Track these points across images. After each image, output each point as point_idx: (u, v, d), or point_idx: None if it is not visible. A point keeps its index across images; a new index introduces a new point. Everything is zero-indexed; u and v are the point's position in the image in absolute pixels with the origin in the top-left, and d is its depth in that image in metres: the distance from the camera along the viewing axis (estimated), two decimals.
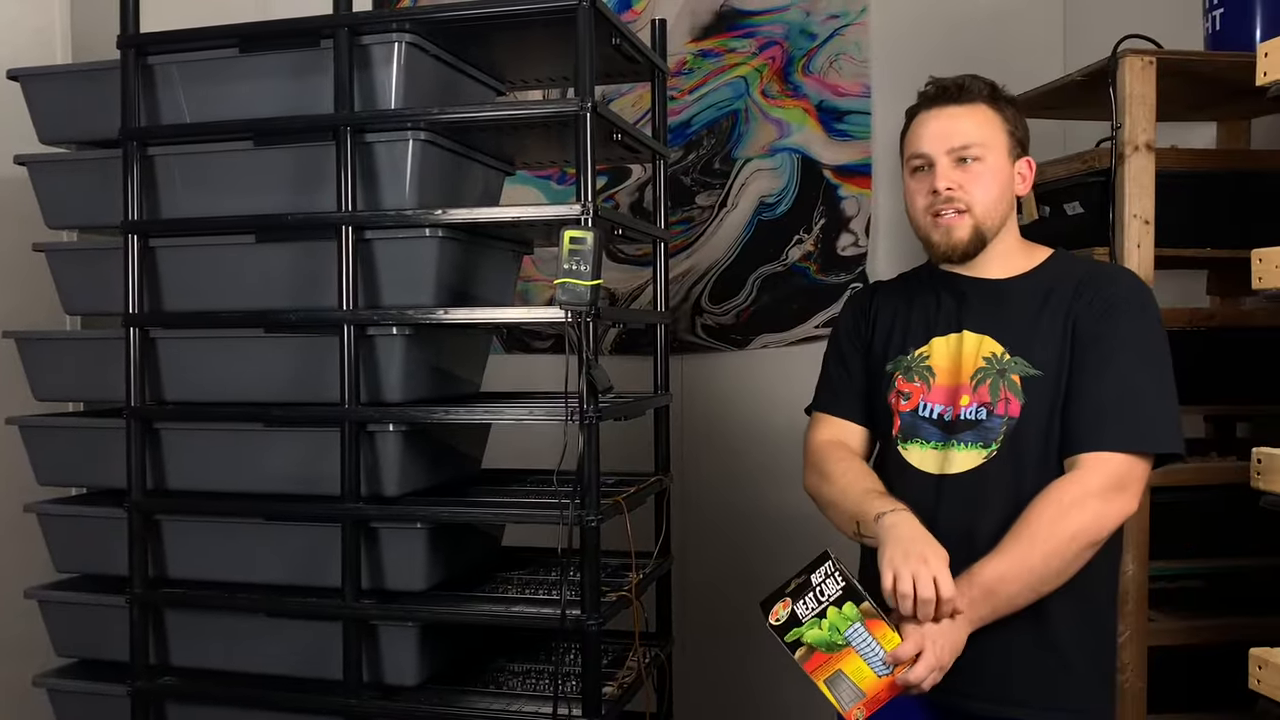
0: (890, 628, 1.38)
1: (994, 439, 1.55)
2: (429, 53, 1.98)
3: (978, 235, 1.60)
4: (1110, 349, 1.52)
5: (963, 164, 1.59)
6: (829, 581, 1.40)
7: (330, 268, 1.91)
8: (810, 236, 2.95)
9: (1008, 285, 1.63)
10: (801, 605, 1.41)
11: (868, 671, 1.38)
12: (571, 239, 1.74)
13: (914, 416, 1.63)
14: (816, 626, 1.40)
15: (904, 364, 1.66)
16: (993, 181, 1.60)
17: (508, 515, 2.02)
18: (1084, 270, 1.63)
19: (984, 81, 1.64)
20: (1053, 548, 1.46)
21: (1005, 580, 1.46)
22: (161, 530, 2.09)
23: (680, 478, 2.71)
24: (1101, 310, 1.55)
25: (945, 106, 1.62)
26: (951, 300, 1.66)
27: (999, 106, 1.63)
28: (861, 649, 1.38)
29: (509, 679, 2.05)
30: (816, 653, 1.40)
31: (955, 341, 1.62)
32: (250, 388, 2.04)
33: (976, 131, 1.60)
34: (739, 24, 2.96)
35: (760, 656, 2.98)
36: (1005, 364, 1.56)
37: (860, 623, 1.38)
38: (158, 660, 2.09)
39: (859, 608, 1.39)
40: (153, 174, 2.06)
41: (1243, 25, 2.11)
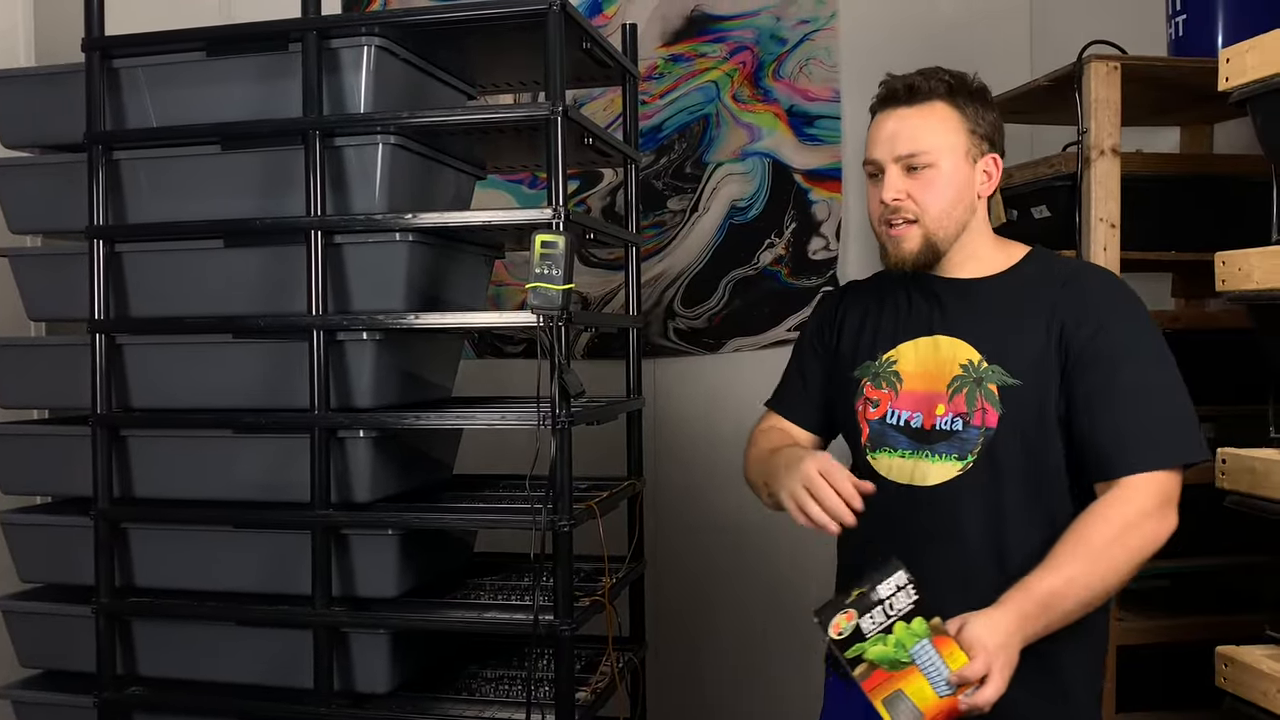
0: (958, 646, 1.30)
1: (970, 451, 1.48)
2: (399, 56, 1.97)
3: (928, 246, 1.53)
4: (1120, 361, 1.45)
5: (912, 172, 1.51)
6: (900, 595, 1.31)
7: (299, 273, 1.90)
8: (781, 240, 2.96)
9: (982, 286, 1.56)
10: (868, 619, 1.31)
11: (929, 692, 1.29)
12: (543, 243, 1.74)
13: (882, 424, 1.57)
14: (881, 643, 1.31)
15: (872, 370, 1.60)
16: (945, 188, 1.51)
17: (480, 521, 2.02)
18: (1064, 272, 1.56)
19: (943, 77, 1.53)
20: (1111, 566, 1.39)
21: (1062, 596, 1.37)
22: (128, 539, 2.06)
23: (653, 482, 2.71)
24: (1095, 320, 1.47)
25: (895, 108, 1.53)
26: (923, 302, 1.59)
27: (958, 103, 1.53)
28: (926, 668, 1.30)
29: (482, 685, 2.04)
30: (878, 670, 1.30)
31: (928, 346, 1.55)
32: (219, 394, 2.02)
33: (926, 136, 1.50)
34: (710, 29, 2.97)
35: (733, 660, 2.99)
36: (982, 372, 1.49)
37: (928, 639, 1.30)
38: (125, 670, 2.06)
39: (929, 623, 1.31)
40: (118, 178, 2.04)
41: (1205, 32, 2.14)
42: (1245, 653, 1.62)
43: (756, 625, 2.97)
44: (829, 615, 1.33)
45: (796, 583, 2.90)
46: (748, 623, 2.98)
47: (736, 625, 2.99)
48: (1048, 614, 1.37)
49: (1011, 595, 1.36)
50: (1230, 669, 1.62)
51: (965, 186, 1.53)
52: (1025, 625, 1.34)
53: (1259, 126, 1.66)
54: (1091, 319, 1.47)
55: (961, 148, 1.53)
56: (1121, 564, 1.40)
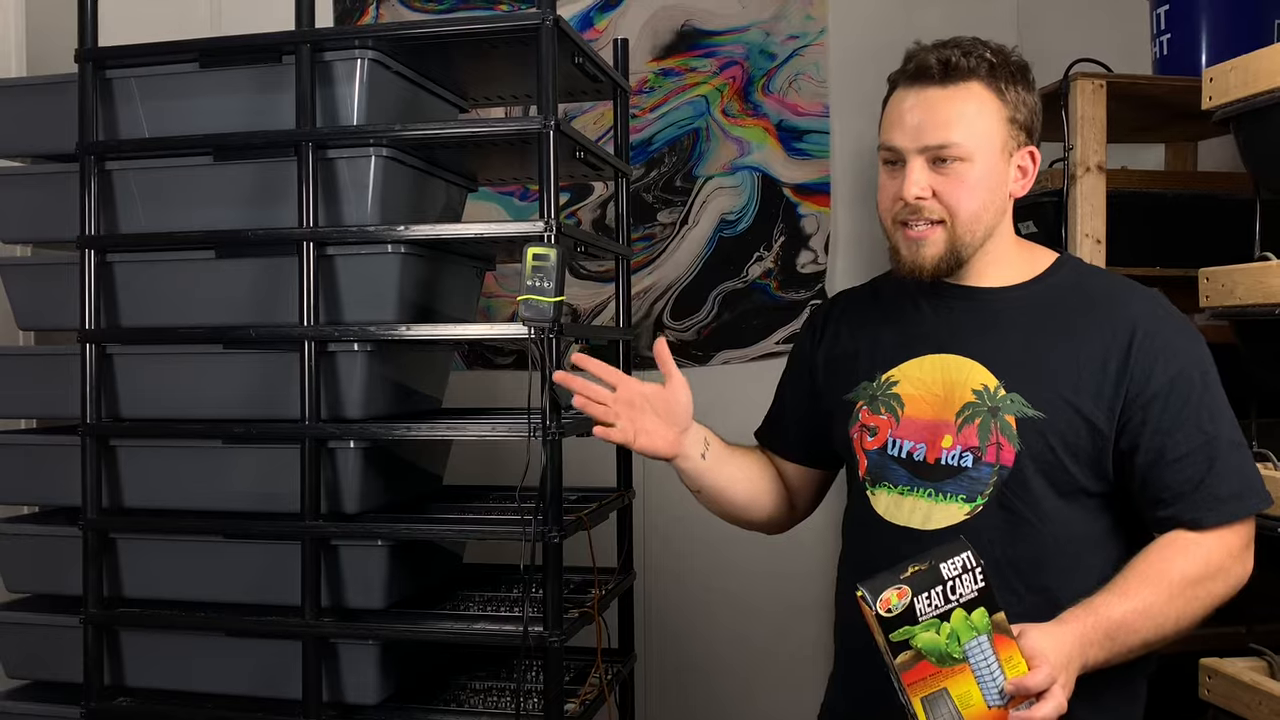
0: (1017, 650, 1.13)
1: (980, 491, 1.28)
2: (392, 70, 1.98)
3: (953, 253, 1.32)
4: (1198, 403, 1.28)
5: (939, 165, 1.30)
6: (965, 577, 1.11)
7: (291, 284, 1.90)
8: (770, 253, 2.98)
9: (1003, 298, 1.35)
10: (924, 599, 1.11)
11: (978, 698, 1.12)
12: (534, 255, 1.75)
13: (882, 455, 1.36)
14: (934, 629, 1.12)
15: (869, 392, 1.39)
16: (978, 187, 1.30)
17: (469, 532, 2.02)
18: (1108, 289, 1.36)
19: (984, 53, 1.30)
20: (1188, 607, 1.25)
21: (1131, 628, 1.22)
22: (117, 549, 2.06)
23: (642, 493, 2.72)
24: (1166, 355, 1.28)
25: (925, 87, 1.30)
26: (933, 313, 1.38)
27: (999, 87, 1.30)
28: (979, 669, 1.12)
29: (471, 696, 2.04)
30: (924, 662, 1.12)
31: (935, 366, 1.34)
32: (209, 404, 2.02)
33: (962, 126, 1.28)
34: (700, 44, 2.99)
35: (722, 673, 2.99)
36: (999, 401, 1.29)
37: (988, 636, 1.12)
38: (113, 681, 2.05)
39: (992, 617, 1.12)
40: (110, 189, 2.04)
41: (1189, 51, 2.18)
42: (1228, 665, 1.64)
43: (746, 638, 2.97)
44: (879, 588, 1.13)
45: (786, 596, 2.91)
46: (737, 635, 2.98)
47: (725, 638, 2.99)
48: (1112, 644, 1.21)
49: (1075, 614, 1.20)
50: (1214, 681, 1.64)
51: (999, 185, 1.32)
52: (1085, 651, 1.18)
53: (1241, 144, 1.69)
54: (1163, 349, 1.28)
55: (999, 140, 1.31)
56: (1200, 606, 1.26)
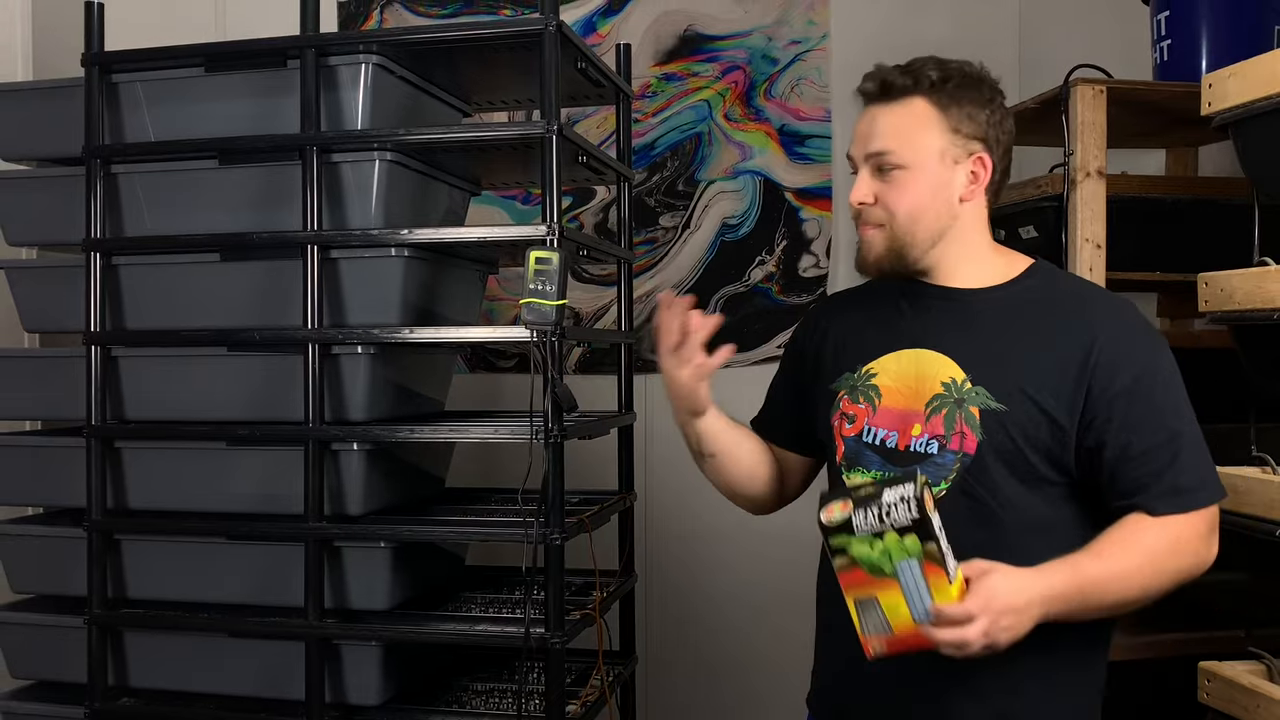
0: (949, 581, 1.21)
1: (945, 476, 1.36)
2: (395, 74, 1.99)
3: (893, 252, 1.42)
4: (1161, 400, 1.36)
5: (882, 173, 1.41)
6: (902, 506, 1.20)
7: (295, 287, 1.91)
8: (772, 258, 2.99)
9: (976, 298, 1.44)
10: (861, 516, 1.22)
11: (904, 612, 1.22)
12: (537, 259, 1.76)
13: (858, 442, 1.45)
14: (868, 544, 1.22)
15: (850, 382, 1.48)
16: (916, 191, 1.40)
17: (471, 534, 2.03)
18: (1076, 293, 1.46)
19: (928, 72, 1.42)
20: (1158, 574, 1.31)
21: (1103, 589, 1.29)
22: (121, 550, 2.07)
23: (644, 496, 2.73)
24: (1128, 355, 1.36)
25: (872, 105, 1.44)
26: (911, 311, 1.46)
27: (942, 100, 1.41)
28: (907, 587, 1.22)
29: (472, 698, 2.05)
30: (858, 570, 1.23)
31: (910, 359, 1.43)
32: (213, 406, 2.03)
33: (897, 136, 1.40)
34: (702, 48, 3.00)
35: (723, 675, 2.99)
36: (965, 393, 1.37)
37: (918, 561, 1.21)
38: (117, 681, 2.06)
39: (924, 546, 1.21)
40: (116, 192, 2.05)
41: (1189, 57, 2.18)
42: (1227, 668, 1.64)
43: (747, 640, 2.98)
44: (830, 499, 1.25)
45: (788, 597, 2.91)
46: (738, 637, 2.99)
47: (727, 640, 3.00)
48: (1083, 601, 1.28)
49: (1056, 567, 1.27)
50: (1212, 684, 1.65)
51: (940, 189, 1.41)
52: (1053, 603, 1.25)
53: (1241, 150, 1.70)
54: (1124, 352, 1.36)
55: (936, 148, 1.41)
56: (1166, 579, 1.32)
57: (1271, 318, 1.58)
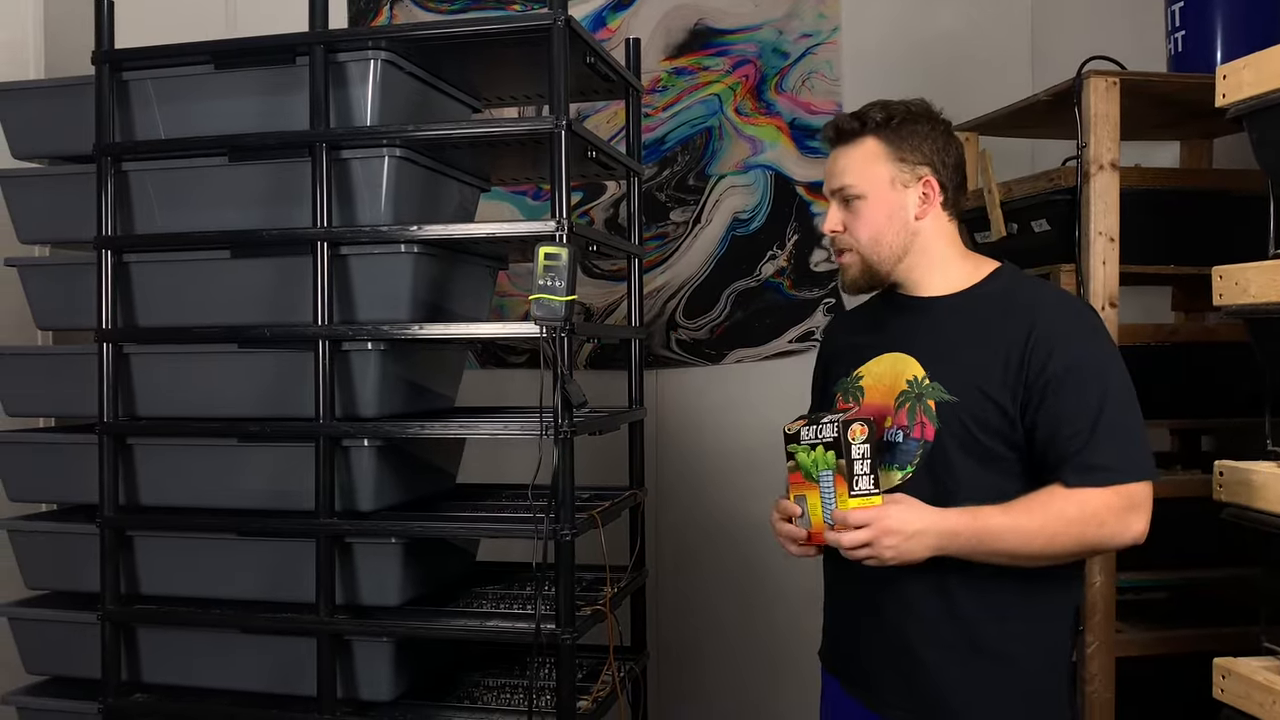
0: (848, 493, 1.49)
1: (909, 462, 1.56)
2: (405, 70, 1.99)
3: (866, 271, 1.64)
4: (1089, 382, 1.49)
5: (847, 204, 1.63)
6: (829, 427, 1.51)
7: (305, 283, 1.92)
8: (783, 252, 2.98)
9: (937, 305, 1.63)
10: (806, 431, 1.54)
11: (819, 513, 1.52)
12: (546, 255, 1.76)
13: None
14: (807, 453, 1.54)
15: (844, 385, 1.68)
16: (872, 217, 1.61)
17: (482, 530, 2.03)
18: (1027, 293, 1.60)
19: (874, 115, 1.62)
20: (1056, 540, 1.47)
21: (999, 538, 1.47)
22: (134, 546, 2.08)
23: (655, 491, 2.72)
24: (1063, 344, 1.51)
25: (833, 147, 1.67)
26: (892, 320, 1.67)
27: (887, 136, 1.61)
28: (824, 493, 1.52)
29: (484, 694, 2.05)
30: (799, 473, 1.55)
31: (887, 361, 1.63)
32: (224, 403, 2.04)
33: (852, 172, 1.62)
34: (713, 42, 2.99)
35: (734, 670, 2.99)
36: (923, 388, 1.56)
37: (832, 472, 1.51)
38: (129, 677, 2.08)
39: (837, 461, 1.50)
40: (127, 189, 2.06)
41: (1204, 48, 2.16)
42: (1242, 664, 1.63)
43: (759, 634, 2.98)
44: (796, 417, 1.59)
45: (799, 592, 2.91)
46: (750, 632, 2.99)
47: (738, 634, 3.00)
48: (979, 544, 1.47)
49: (960, 512, 1.47)
50: (1228, 680, 1.63)
51: (896, 212, 1.61)
52: (947, 540, 1.46)
53: (1255, 142, 1.68)
54: (1059, 343, 1.51)
55: (886, 177, 1.61)
56: (1070, 542, 1.48)
57: None
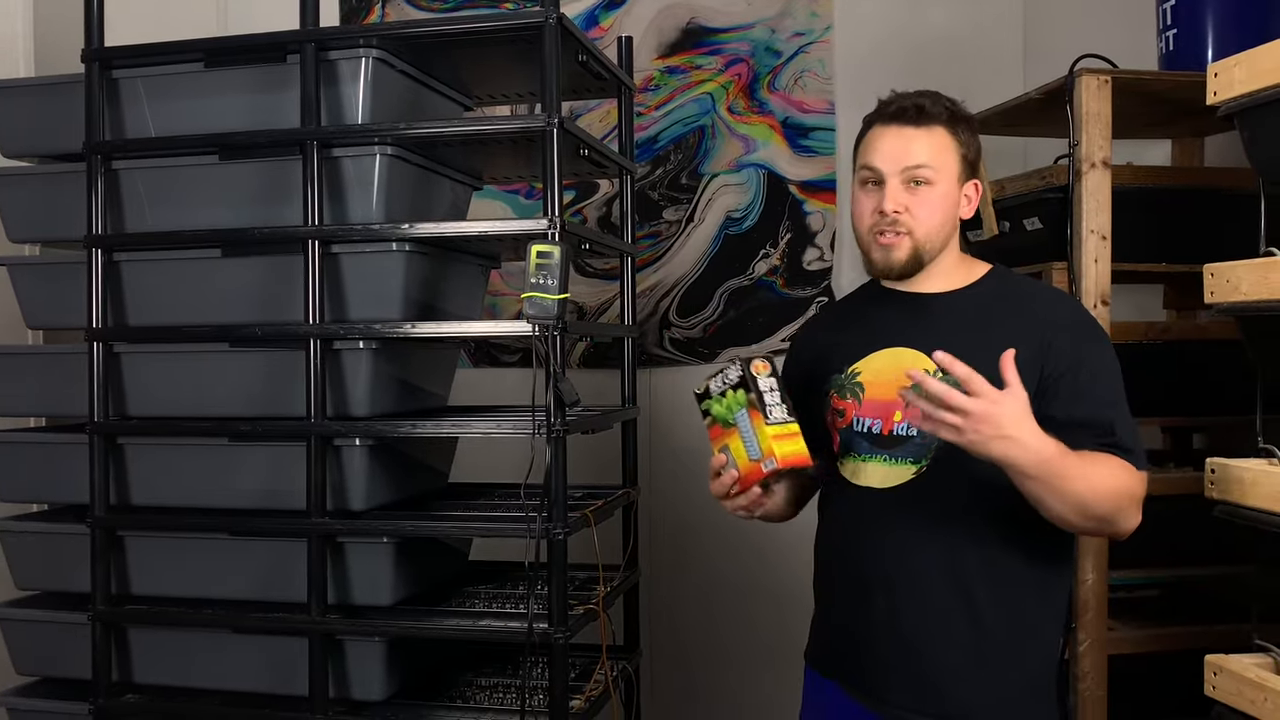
0: (764, 423, 1.50)
1: (924, 455, 1.56)
2: (396, 68, 1.98)
3: (915, 258, 1.61)
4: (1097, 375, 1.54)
5: (912, 186, 1.59)
6: (733, 370, 1.54)
7: (297, 282, 1.91)
8: (776, 251, 2.98)
9: (942, 301, 1.64)
10: (714, 381, 1.57)
11: (743, 453, 1.53)
12: (538, 253, 1.75)
13: (850, 432, 1.64)
14: (718, 402, 1.56)
15: (838, 382, 1.67)
16: (939, 206, 1.60)
17: (474, 529, 2.03)
18: (1026, 291, 1.66)
19: (944, 103, 1.62)
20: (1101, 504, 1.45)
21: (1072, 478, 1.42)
22: (125, 546, 2.07)
23: (648, 490, 2.72)
24: (1069, 338, 1.55)
25: (904, 126, 1.61)
26: (889, 315, 1.67)
27: (955, 130, 1.62)
28: (743, 433, 1.53)
29: (476, 693, 2.05)
30: (717, 425, 1.57)
31: (889, 357, 1.62)
32: (216, 402, 2.03)
33: (929, 155, 1.59)
34: (705, 41, 2.99)
35: (728, 669, 2.99)
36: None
37: (745, 410, 1.52)
38: (120, 678, 2.07)
39: (747, 396, 1.52)
40: (117, 188, 2.05)
41: (1195, 46, 2.16)
42: (1234, 661, 1.63)
43: (752, 634, 2.98)
44: (704, 379, 1.60)
45: (793, 590, 2.90)
46: (743, 631, 2.99)
47: (731, 633, 3.00)
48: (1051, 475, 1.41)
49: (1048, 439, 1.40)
50: (1219, 677, 1.63)
51: (954, 208, 1.63)
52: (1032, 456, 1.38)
53: (1246, 140, 1.68)
54: (1075, 335, 1.56)
55: (955, 170, 1.62)
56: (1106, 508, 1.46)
57: (1277, 309, 1.57)
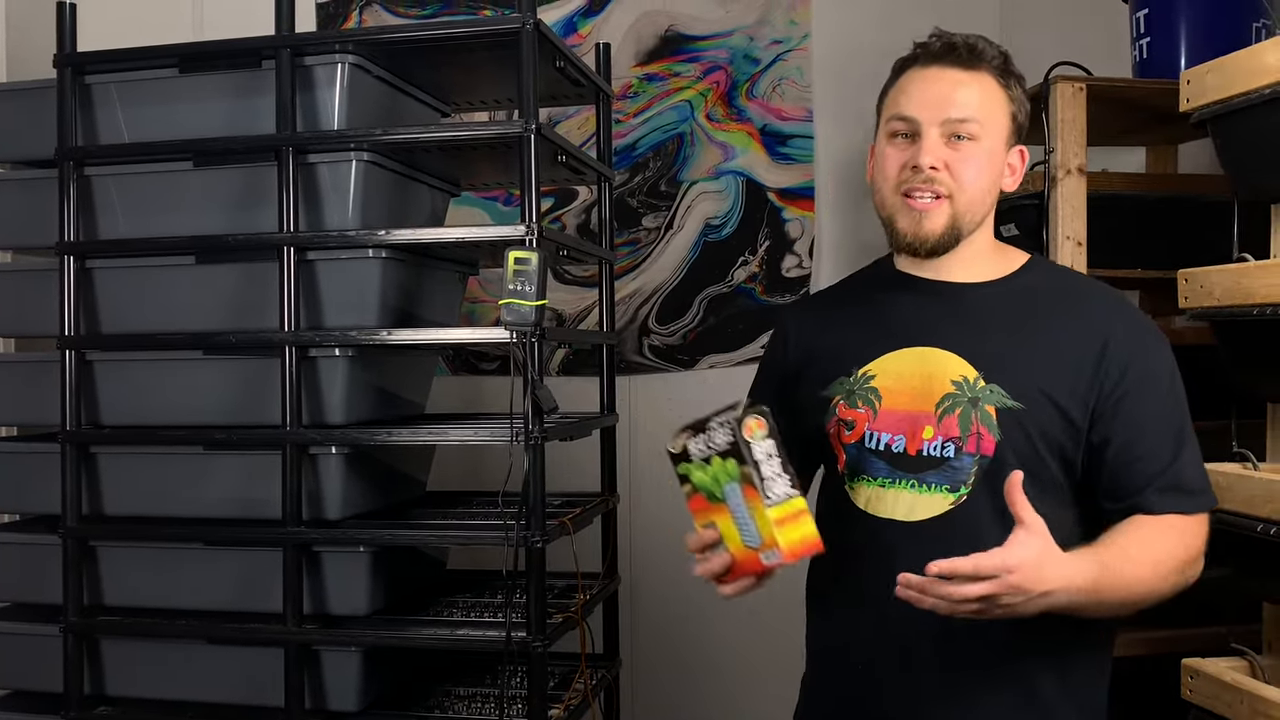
0: (763, 504, 1.20)
1: (964, 481, 1.29)
2: (372, 74, 1.98)
3: (953, 229, 1.33)
4: (1164, 397, 1.32)
5: (955, 141, 1.32)
6: (723, 431, 1.22)
7: (272, 289, 1.90)
8: (755, 258, 2.98)
9: (980, 293, 1.37)
10: (695, 443, 1.25)
11: (736, 536, 1.24)
12: (516, 260, 1.75)
13: (859, 449, 1.36)
14: (702, 470, 1.26)
15: (846, 387, 1.39)
16: (985, 167, 1.33)
17: (451, 537, 2.01)
18: (1079, 289, 1.40)
19: (998, 48, 1.36)
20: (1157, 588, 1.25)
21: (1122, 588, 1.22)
22: (98, 557, 2.04)
23: (628, 497, 2.71)
24: (1139, 352, 1.32)
25: (948, 68, 1.34)
26: (910, 308, 1.39)
27: (1009, 83, 1.36)
28: (734, 511, 1.23)
29: (454, 703, 2.03)
30: (698, 495, 1.28)
31: (913, 358, 1.35)
32: (190, 410, 2.01)
33: (979, 105, 1.32)
34: (683, 48, 2.99)
35: (709, 677, 2.98)
36: (979, 391, 1.30)
37: (738, 484, 1.22)
38: (93, 690, 2.04)
39: (740, 469, 1.21)
40: (90, 194, 2.03)
41: (1169, 54, 2.18)
42: (1210, 665, 1.64)
43: (733, 642, 2.97)
44: (678, 432, 1.28)
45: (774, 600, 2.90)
46: (724, 639, 2.98)
47: (712, 642, 2.99)
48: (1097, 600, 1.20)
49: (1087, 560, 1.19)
50: (1196, 681, 1.64)
51: (999, 173, 1.37)
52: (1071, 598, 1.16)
53: (1219, 147, 1.70)
54: (1136, 347, 1.32)
55: (1005, 128, 1.36)
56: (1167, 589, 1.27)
57: (1251, 314, 1.58)
